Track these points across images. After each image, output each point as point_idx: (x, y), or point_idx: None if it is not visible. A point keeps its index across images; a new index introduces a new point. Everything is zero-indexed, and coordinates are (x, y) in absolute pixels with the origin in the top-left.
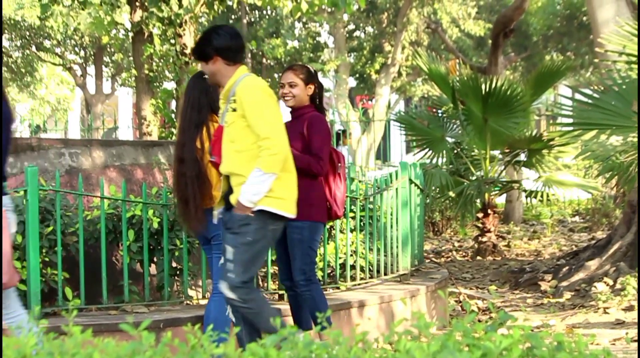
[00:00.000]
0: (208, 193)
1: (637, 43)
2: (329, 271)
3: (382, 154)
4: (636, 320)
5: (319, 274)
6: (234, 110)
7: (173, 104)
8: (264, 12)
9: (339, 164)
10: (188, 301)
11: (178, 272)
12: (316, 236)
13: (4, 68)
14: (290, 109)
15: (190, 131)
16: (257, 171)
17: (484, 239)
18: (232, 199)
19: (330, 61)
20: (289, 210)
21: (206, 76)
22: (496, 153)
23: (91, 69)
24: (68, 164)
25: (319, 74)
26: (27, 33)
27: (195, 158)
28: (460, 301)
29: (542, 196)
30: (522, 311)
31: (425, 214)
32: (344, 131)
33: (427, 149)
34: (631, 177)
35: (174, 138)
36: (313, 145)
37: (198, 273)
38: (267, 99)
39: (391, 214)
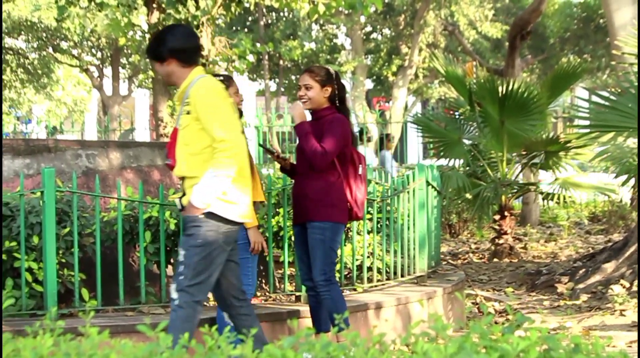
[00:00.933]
0: None
1: (637, 42)
2: (346, 272)
3: (399, 156)
4: None
5: (336, 276)
6: (188, 113)
7: None
8: (281, 13)
9: (360, 166)
10: (205, 303)
11: None
12: (337, 237)
13: (20, 69)
14: (310, 111)
15: None
16: (210, 173)
17: (501, 241)
18: (184, 200)
19: (347, 63)
20: (241, 215)
21: (218, 78)
22: (513, 155)
23: (108, 71)
24: (85, 166)
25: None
26: (44, 34)
27: None
28: (477, 303)
29: (558, 198)
30: (539, 314)
31: (442, 216)
32: (388, 135)
33: (443, 151)
34: None
35: None
36: (323, 141)
37: None
38: (220, 101)
39: (408, 216)
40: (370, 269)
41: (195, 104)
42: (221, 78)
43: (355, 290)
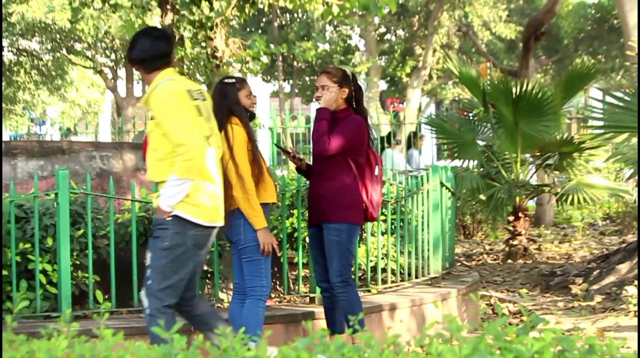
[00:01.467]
0: (228, 194)
1: (637, 42)
2: (360, 274)
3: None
4: None
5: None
6: (152, 118)
7: None
8: (295, 15)
9: (376, 167)
10: (219, 304)
11: (209, 275)
12: (353, 238)
13: (34, 71)
14: None
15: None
16: (172, 177)
17: (515, 242)
18: (154, 203)
19: (361, 64)
20: (206, 218)
21: (231, 80)
22: (527, 156)
23: (122, 72)
24: (99, 167)
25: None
26: (58, 36)
27: None
28: (492, 305)
29: (572, 199)
30: (553, 315)
31: (456, 217)
32: (415, 134)
33: (457, 152)
34: None
35: None
36: (332, 134)
37: (229, 275)
38: (179, 105)
39: (422, 218)
40: (384, 270)
41: (156, 109)
42: (233, 80)
43: (369, 291)
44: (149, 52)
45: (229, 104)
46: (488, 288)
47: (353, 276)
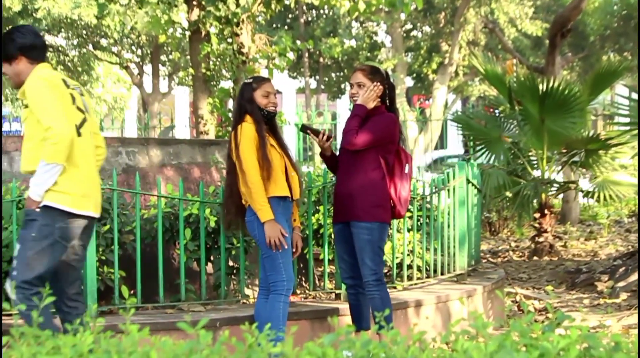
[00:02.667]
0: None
1: (637, 40)
2: (386, 270)
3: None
4: None
5: None
6: (27, 106)
7: (230, 103)
8: (321, 11)
9: (407, 165)
10: (245, 300)
11: (235, 271)
12: (384, 236)
13: (60, 67)
14: None
15: (231, 132)
16: (41, 163)
17: (541, 239)
18: (25, 194)
19: (387, 61)
20: (75, 206)
21: (249, 80)
22: (553, 153)
23: (148, 68)
24: (125, 163)
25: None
26: (84, 32)
27: (229, 155)
28: (517, 302)
29: (599, 196)
30: (579, 312)
31: (482, 214)
32: None
33: (484, 149)
34: None
35: None
36: (361, 129)
37: (255, 272)
38: (50, 90)
39: (448, 214)
40: (410, 267)
41: (29, 94)
42: (251, 80)
43: (395, 288)
44: (36, 41)
45: (242, 103)
46: (514, 285)
47: None
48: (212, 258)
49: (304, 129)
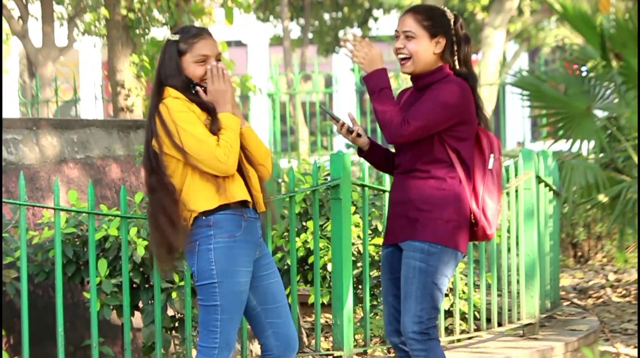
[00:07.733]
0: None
1: (637, 40)
2: None
3: None
4: None
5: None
6: None
7: None
8: None
9: (491, 156)
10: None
11: (176, 324)
12: (447, 270)
13: None
14: (411, 77)
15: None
16: None
17: None
18: None
19: None
20: None
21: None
22: None
23: (36, 8)
24: (2, 158)
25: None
26: None
27: (150, 167)
28: None
29: None
30: None
31: (561, 230)
32: None
33: (564, 129)
34: None
35: None
36: (411, 111)
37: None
38: None
39: (508, 231)
40: (450, 314)
41: None
42: (177, 37)
43: None
44: None
45: (161, 73)
46: (613, 340)
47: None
48: (141, 304)
49: (323, 111)
